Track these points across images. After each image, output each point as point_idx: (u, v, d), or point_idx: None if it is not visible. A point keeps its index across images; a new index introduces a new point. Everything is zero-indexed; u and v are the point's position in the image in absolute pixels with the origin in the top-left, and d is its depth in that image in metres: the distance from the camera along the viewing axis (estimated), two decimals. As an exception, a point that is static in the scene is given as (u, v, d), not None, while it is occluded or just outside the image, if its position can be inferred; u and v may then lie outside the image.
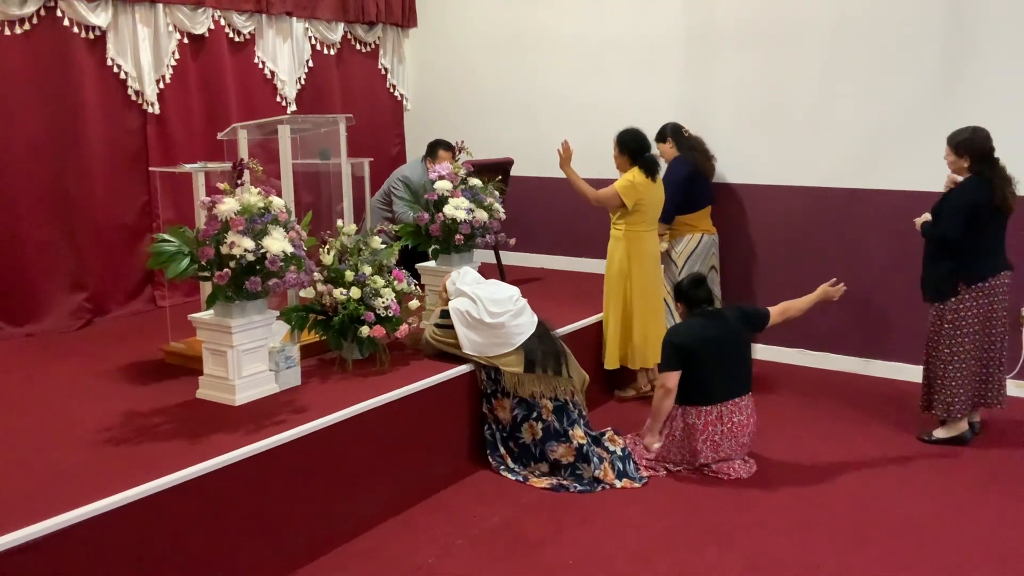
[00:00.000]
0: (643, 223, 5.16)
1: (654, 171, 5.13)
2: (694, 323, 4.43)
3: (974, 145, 4.45)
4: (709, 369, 4.28)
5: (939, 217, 4.55)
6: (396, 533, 3.84)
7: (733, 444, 4.33)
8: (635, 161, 5.12)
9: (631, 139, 5.15)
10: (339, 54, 7.28)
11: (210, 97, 6.29)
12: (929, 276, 4.65)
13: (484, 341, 4.40)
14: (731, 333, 4.41)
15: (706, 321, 4.42)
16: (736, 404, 4.34)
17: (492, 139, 7.09)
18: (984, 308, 4.53)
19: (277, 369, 4.11)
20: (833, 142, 5.86)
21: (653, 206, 5.19)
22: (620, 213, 5.15)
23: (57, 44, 5.39)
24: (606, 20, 6.73)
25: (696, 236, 5.74)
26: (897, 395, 5.41)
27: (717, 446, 4.31)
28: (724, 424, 4.30)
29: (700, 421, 4.29)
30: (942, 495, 4.13)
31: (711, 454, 4.32)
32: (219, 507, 3.30)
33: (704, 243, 5.76)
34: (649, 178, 5.09)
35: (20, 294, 5.34)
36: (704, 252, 5.76)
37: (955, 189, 4.55)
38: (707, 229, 5.82)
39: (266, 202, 3.89)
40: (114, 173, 5.78)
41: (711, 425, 4.28)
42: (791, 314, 4.64)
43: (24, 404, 4.06)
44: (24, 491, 3.07)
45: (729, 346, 4.37)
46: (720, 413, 4.30)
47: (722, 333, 4.37)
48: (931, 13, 5.45)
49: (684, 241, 5.73)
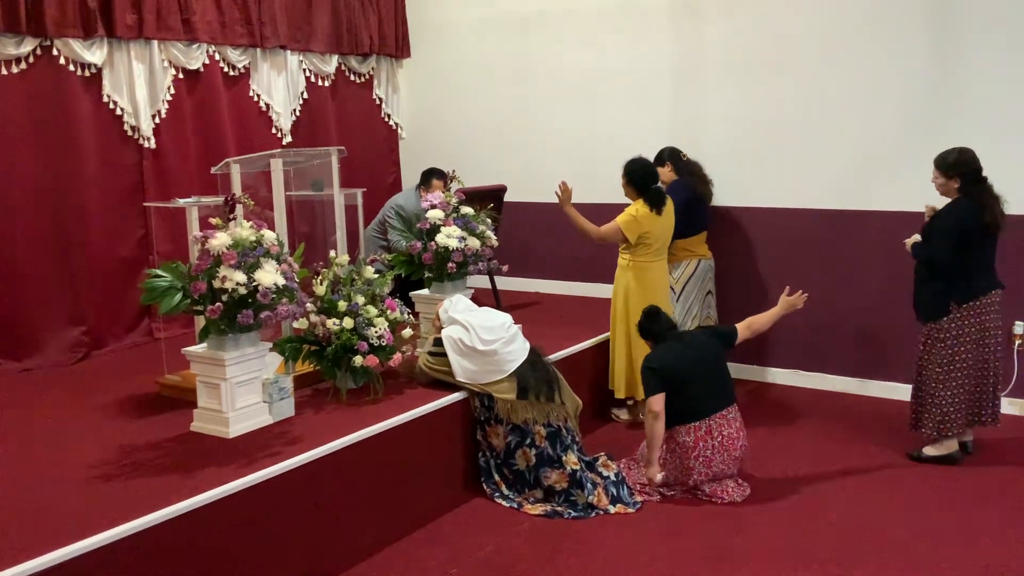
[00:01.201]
0: (648, 254, 5.18)
1: (660, 204, 5.15)
2: (666, 347, 4.51)
3: (964, 166, 4.48)
4: (691, 386, 4.34)
5: (929, 239, 4.58)
6: (391, 563, 3.84)
7: (726, 458, 4.34)
8: (641, 193, 5.16)
9: (639, 171, 5.17)
10: (334, 85, 7.36)
11: (206, 131, 6.35)
12: (921, 296, 4.67)
13: (477, 368, 4.42)
14: (704, 348, 4.50)
15: (676, 343, 4.52)
16: (724, 417, 4.37)
17: (486, 166, 7.15)
18: (977, 327, 4.54)
19: (271, 401, 4.14)
20: (823, 165, 5.91)
21: (659, 237, 5.20)
22: (626, 244, 5.18)
23: (53, 82, 5.46)
24: (597, 49, 6.80)
25: (694, 261, 5.75)
26: (891, 414, 5.41)
27: (710, 461, 4.31)
28: (714, 438, 4.31)
29: (690, 439, 4.31)
30: (936, 515, 4.13)
31: (704, 470, 4.33)
32: (212, 541, 3.31)
33: (701, 268, 5.78)
34: (654, 211, 5.11)
35: (17, 328, 5.38)
36: (701, 277, 5.78)
37: (944, 210, 4.57)
38: (704, 254, 5.83)
39: (258, 236, 3.93)
40: (111, 208, 5.83)
41: (701, 441, 4.30)
42: (757, 327, 4.70)
43: (20, 439, 4.08)
44: (15, 527, 3.09)
45: (706, 361, 4.44)
46: (709, 427, 4.32)
47: (696, 350, 4.47)
48: (916, 36, 5.51)
49: (682, 267, 5.73)
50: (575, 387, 4.77)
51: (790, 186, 6.04)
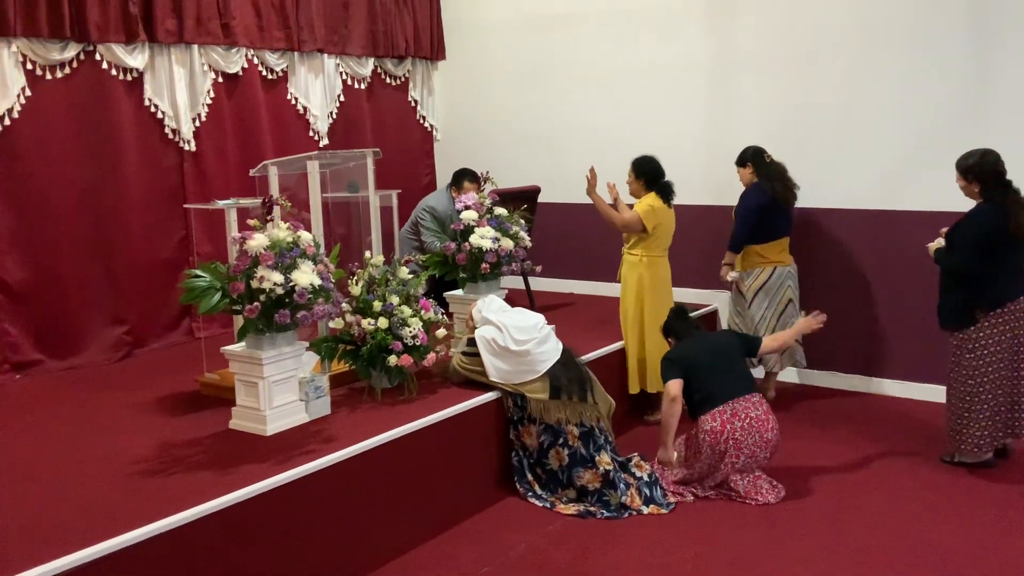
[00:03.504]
0: (658, 248, 5.24)
1: (670, 197, 5.21)
2: (684, 342, 4.65)
3: (983, 170, 4.33)
4: (707, 374, 4.40)
5: (952, 247, 4.44)
6: (423, 561, 3.88)
7: (757, 440, 4.30)
8: (651, 187, 5.21)
9: (647, 166, 5.25)
10: (370, 88, 7.43)
11: (244, 134, 6.45)
12: (945, 305, 4.53)
13: (510, 368, 4.45)
14: (722, 343, 4.62)
15: (695, 338, 4.66)
16: (747, 400, 4.37)
17: (520, 167, 7.18)
18: (1007, 334, 4.40)
19: (307, 399, 4.20)
20: (860, 163, 5.84)
21: (667, 232, 5.26)
22: (637, 239, 5.21)
23: (96, 86, 5.58)
24: (628, 49, 6.81)
25: (768, 269, 5.54)
26: (931, 417, 5.33)
27: (740, 444, 4.28)
28: (741, 420, 4.29)
29: (716, 423, 4.30)
30: (970, 521, 4.07)
31: (736, 453, 4.28)
32: (248, 537, 3.38)
33: (776, 276, 5.55)
34: (666, 203, 5.16)
35: (62, 328, 5.50)
36: (777, 285, 5.55)
37: (966, 217, 4.42)
38: (780, 261, 5.59)
39: (295, 237, 3.99)
40: (152, 209, 5.94)
41: (728, 424, 4.28)
42: (773, 348, 4.75)
43: (62, 436, 4.18)
44: (56, 523, 3.17)
45: (722, 354, 4.52)
46: (734, 410, 4.32)
47: (714, 344, 4.60)
48: (955, 30, 5.44)
49: (755, 274, 5.56)
50: (608, 388, 4.77)
51: (825, 186, 5.97)
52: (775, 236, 5.60)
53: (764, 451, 4.36)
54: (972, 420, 4.47)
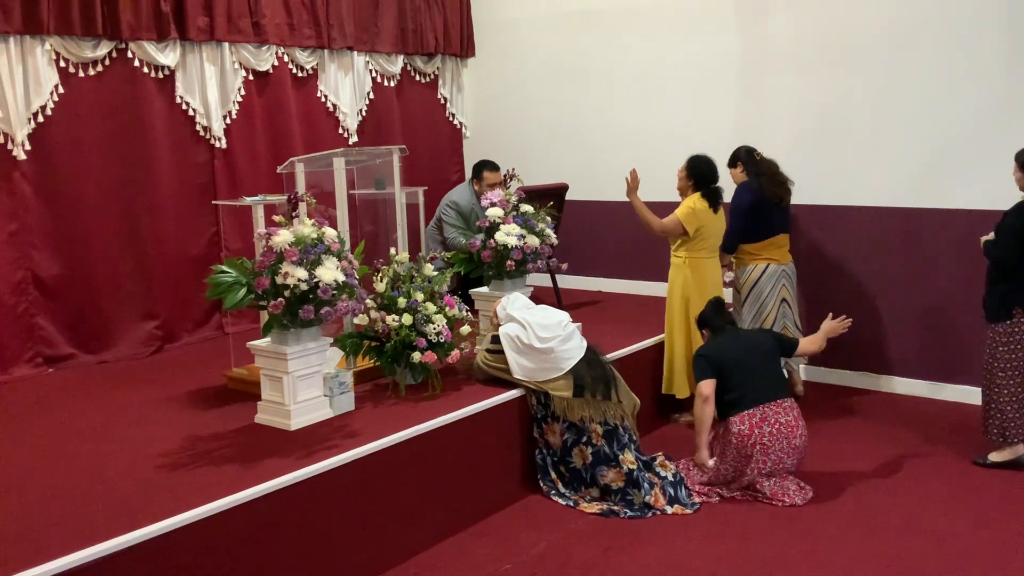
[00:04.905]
0: (704, 250, 5.15)
1: (717, 202, 5.12)
2: (720, 339, 4.58)
3: None
4: (740, 375, 4.34)
5: (997, 238, 4.45)
6: (445, 558, 3.88)
7: (785, 446, 4.26)
8: (698, 188, 5.12)
9: (703, 167, 5.13)
10: (399, 85, 7.45)
11: (274, 131, 6.51)
12: (989, 298, 4.53)
13: (534, 366, 4.43)
14: (758, 343, 4.53)
15: (731, 336, 4.58)
16: (779, 405, 4.31)
17: (549, 164, 7.16)
18: None
19: (331, 395, 4.22)
20: (894, 161, 5.76)
21: (714, 234, 5.16)
22: (681, 240, 5.14)
23: (128, 84, 5.66)
24: (659, 45, 6.76)
25: (760, 266, 5.46)
26: (963, 419, 5.25)
27: (767, 449, 4.24)
28: (771, 425, 4.25)
29: (745, 426, 4.26)
30: (1002, 524, 3.99)
31: (763, 458, 4.25)
32: (271, 531, 3.40)
33: (769, 273, 5.46)
34: (711, 208, 5.09)
35: (94, 323, 5.59)
36: (771, 283, 5.46)
37: (1013, 209, 4.42)
38: (774, 258, 5.49)
39: (319, 233, 4.01)
40: (184, 206, 6.02)
41: (756, 428, 4.24)
42: (810, 351, 4.67)
43: (92, 429, 4.24)
44: (83, 514, 3.21)
45: (756, 353, 4.45)
46: (764, 414, 4.27)
47: (749, 343, 4.52)
48: (991, 25, 5.33)
49: (747, 271, 5.51)
50: (634, 386, 4.74)
51: (858, 184, 5.89)
52: (769, 234, 5.49)
53: (791, 457, 4.31)
54: (1000, 410, 4.48)
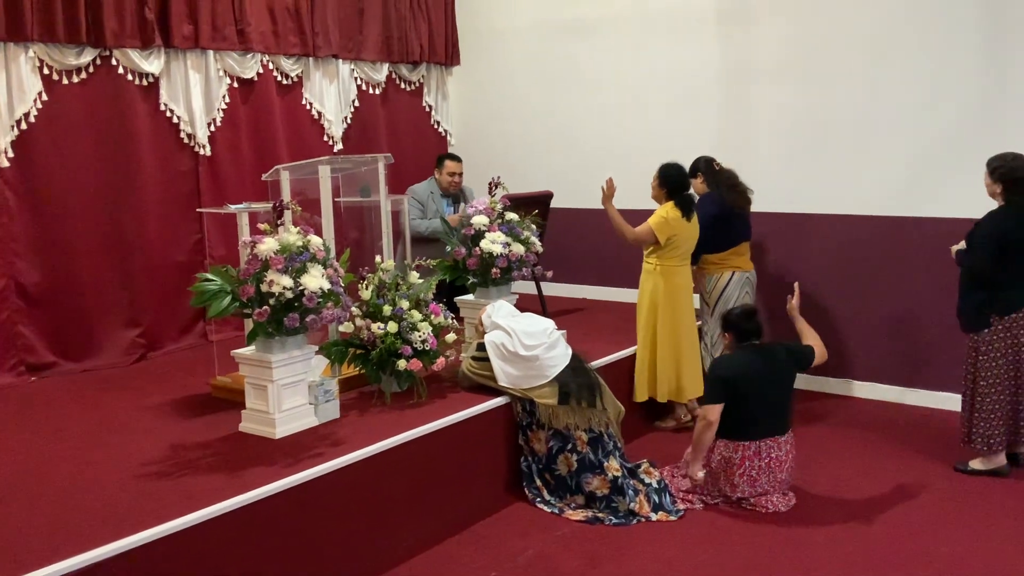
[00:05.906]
0: (675, 257, 5.17)
1: (689, 210, 5.13)
2: (742, 356, 4.39)
3: (1010, 173, 4.35)
4: (752, 405, 4.25)
5: (971, 247, 4.48)
6: (431, 565, 3.88)
7: (771, 479, 4.29)
8: (671, 196, 5.14)
9: (674, 175, 5.15)
10: (384, 93, 7.46)
11: (259, 138, 6.50)
12: (964, 306, 4.55)
13: (519, 373, 4.45)
14: (778, 371, 4.37)
15: (754, 356, 4.37)
16: (776, 441, 4.30)
17: (535, 172, 7.18)
18: (1009, 340, 4.42)
19: (316, 403, 4.21)
20: (874, 170, 5.81)
21: (686, 241, 5.19)
22: (653, 247, 5.16)
23: (112, 91, 5.64)
24: (643, 56, 6.80)
25: (727, 274, 5.48)
26: (938, 425, 5.31)
27: (754, 481, 4.27)
28: (762, 460, 4.26)
29: (737, 456, 4.26)
30: (986, 530, 4.03)
31: (748, 488, 4.29)
32: (256, 540, 3.39)
33: (735, 281, 5.48)
34: (684, 216, 5.11)
35: (77, 331, 5.55)
36: (737, 290, 5.48)
37: (985, 218, 4.45)
38: (738, 266, 5.52)
39: (304, 241, 4.01)
40: (168, 213, 6.00)
41: (748, 460, 4.25)
42: (825, 358, 4.62)
43: (76, 438, 4.22)
44: (68, 523, 3.20)
45: (774, 383, 4.33)
46: (759, 449, 4.26)
47: (769, 370, 4.33)
48: (969, 38, 5.40)
49: (713, 280, 5.51)
50: (619, 394, 4.76)
51: (841, 192, 5.95)
52: (732, 243, 5.51)
53: (776, 488, 4.32)
54: (983, 418, 4.49)
